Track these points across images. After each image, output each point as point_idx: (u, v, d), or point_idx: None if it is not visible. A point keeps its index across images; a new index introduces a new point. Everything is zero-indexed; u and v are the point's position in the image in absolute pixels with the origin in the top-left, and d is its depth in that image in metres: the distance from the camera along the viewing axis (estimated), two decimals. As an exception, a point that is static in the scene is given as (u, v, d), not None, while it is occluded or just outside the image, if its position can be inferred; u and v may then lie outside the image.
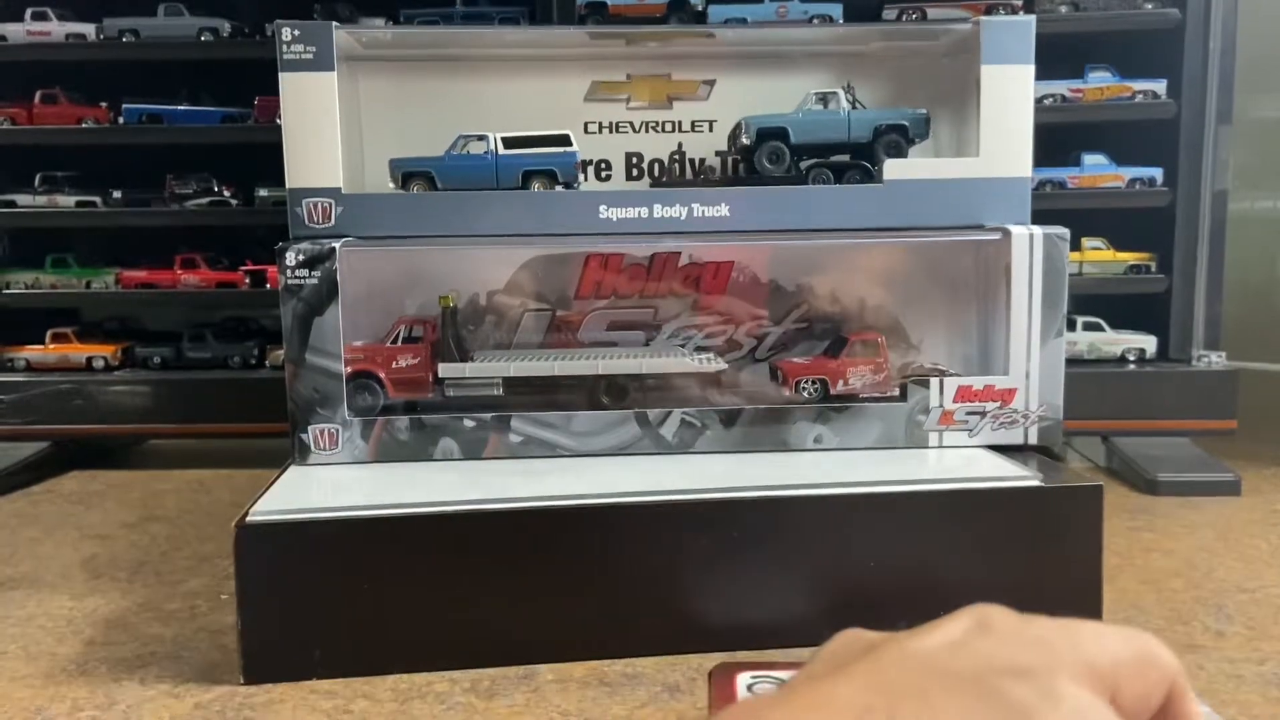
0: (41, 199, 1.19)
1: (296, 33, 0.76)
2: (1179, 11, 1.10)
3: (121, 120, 1.18)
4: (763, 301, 0.86)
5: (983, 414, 0.78)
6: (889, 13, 1.15)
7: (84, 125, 1.18)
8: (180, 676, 0.63)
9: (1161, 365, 1.15)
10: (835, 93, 0.86)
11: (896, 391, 0.80)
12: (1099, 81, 1.13)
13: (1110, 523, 0.92)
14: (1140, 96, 1.13)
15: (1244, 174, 1.31)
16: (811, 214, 0.80)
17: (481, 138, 0.82)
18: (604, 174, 0.91)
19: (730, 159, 0.90)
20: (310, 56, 0.76)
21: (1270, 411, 1.33)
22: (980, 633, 0.28)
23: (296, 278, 0.74)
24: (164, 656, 0.66)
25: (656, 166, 0.91)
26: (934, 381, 0.78)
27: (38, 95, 1.19)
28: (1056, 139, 1.16)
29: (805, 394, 0.81)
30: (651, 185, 0.90)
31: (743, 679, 0.54)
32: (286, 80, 0.76)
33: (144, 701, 0.60)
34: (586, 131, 0.90)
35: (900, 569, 0.66)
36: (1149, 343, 1.15)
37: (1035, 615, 0.29)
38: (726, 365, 0.84)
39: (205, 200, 1.19)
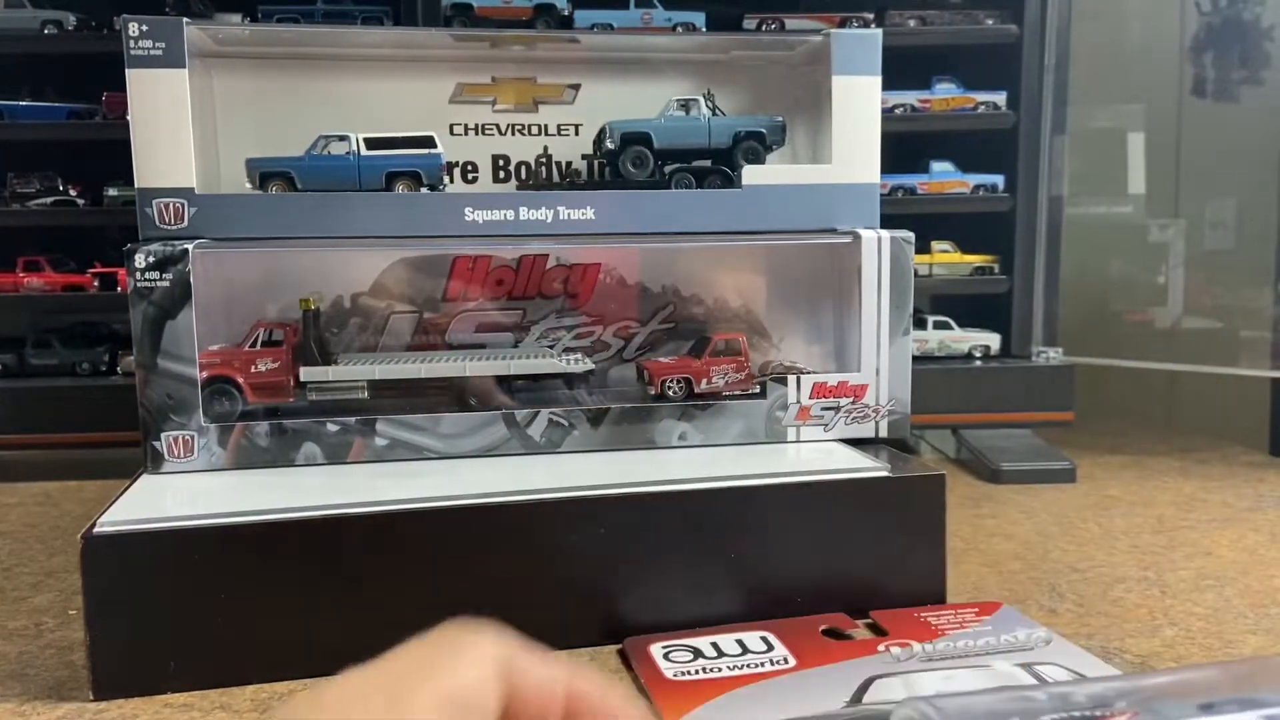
0: None
1: (144, 28, 0.73)
2: (1017, 27, 1.17)
3: (-44, 115, 1.12)
4: (630, 303, 0.88)
5: (837, 409, 0.81)
6: (749, 23, 1.18)
7: (-86, 120, 1.12)
8: (26, 695, 0.61)
9: (1005, 361, 1.22)
10: (696, 99, 0.88)
11: (757, 389, 0.82)
12: (945, 92, 1.19)
13: (957, 510, 0.98)
14: (982, 107, 1.19)
15: (1080, 180, 1.40)
16: (674, 217, 0.82)
17: (343, 138, 0.81)
18: (470, 176, 0.91)
19: (595, 163, 0.91)
20: (159, 53, 0.73)
21: (1105, 403, 1.42)
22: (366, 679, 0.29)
23: (147, 280, 0.71)
24: (7, 675, 0.64)
25: (523, 169, 0.92)
26: (792, 379, 0.81)
27: None
28: (907, 146, 1.22)
29: (670, 393, 0.83)
30: (518, 188, 0.91)
31: (656, 649, 0.62)
32: (134, 77, 0.73)
33: (-16, 723, 0.57)
34: (452, 133, 0.89)
35: (759, 558, 0.68)
36: (993, 340, 1.22)
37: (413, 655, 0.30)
38: (594, 366, 0.85)
39: (49, 200, 1.13)
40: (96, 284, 1.13)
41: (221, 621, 0.61)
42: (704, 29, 1.16)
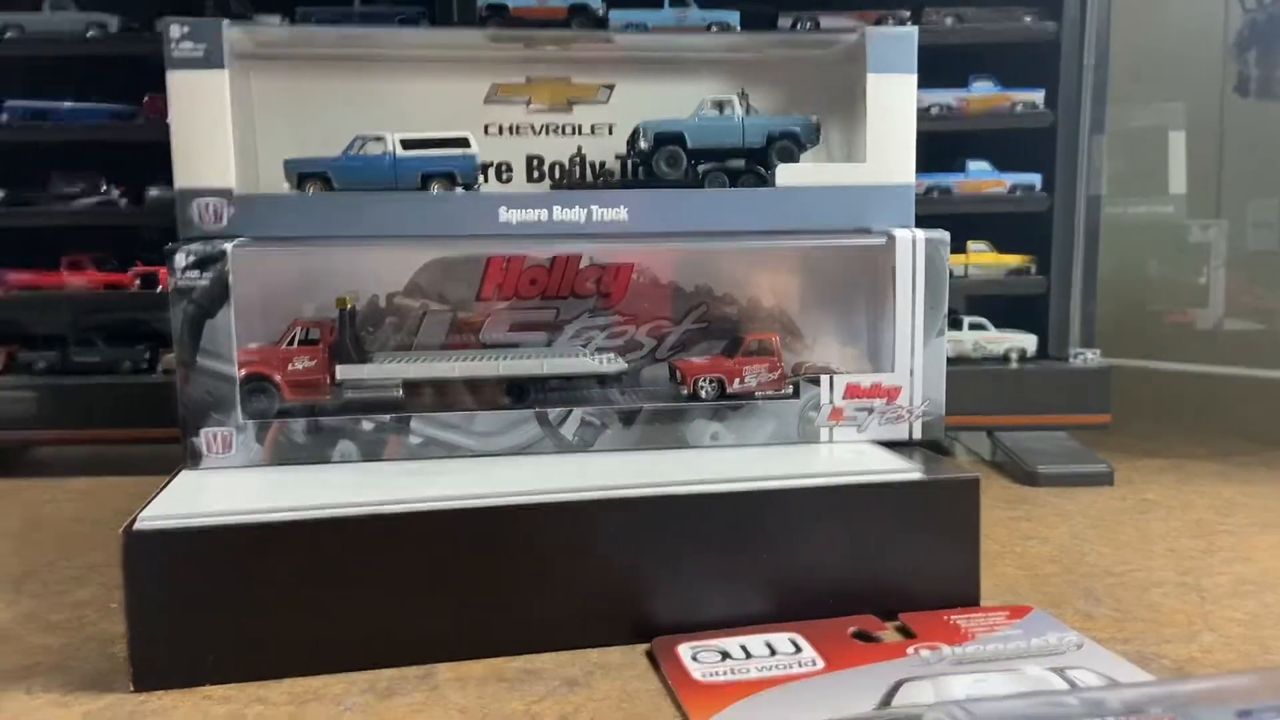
0: (-85, 197, 1.14)
1: (186, 29, 0.74)
2: (1055, 25, 1.16)
3: (4, 118, 1.14)
4: (663, 302, 0.88)
5: (870, 410, 0.81)
6: (784, 21, 1.18)
7: (-38, 122, 1.14)
8: (68, 686, 0.62)
9: (1041, 363, 1.20)
10: (730, 99, 0.88)
11: (790, 389, 0.82)
12: (982, 91, 1.18)
13: (992, 513, 0.98)
14: (1020, 106, 1.18)
15: (1119, 180, 1.39)
16: (708, 217, 0.82)
17: (379, 138, 0.82)
18: (505, 176, 0.92)
19: (629, 162, 0.92)
20: (200, 54, 0.75)
21: (1143, 406, 1.40)
22: None
23: (187, 279, 0.73)
24: (50, 667, 0.65)
25: (557, 169, 0.92)
26: (825, 380, 0.81)
27: (-90, 89, 1.14)
28: (943, 146, 1.21)
29: (703, 393, 0.83)
30: (552, 188, 0.91)
31: (684, 650, 0.63)
32: (175, 79, 0.75)
33: (30, 711, 0.59)
34: (487, 133, 0.90)
35: (789, 560, 0.68)
36: (1030, 341, 1.21)
37: None
38: (627, 365, 0.85)
39: (92, 200, 1.15)
40: (138, 283, 1.15)
41: (258, 616, 0.62)
42: (739, 27, 1.15)
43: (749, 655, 0.62)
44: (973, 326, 1.22)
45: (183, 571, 0.61)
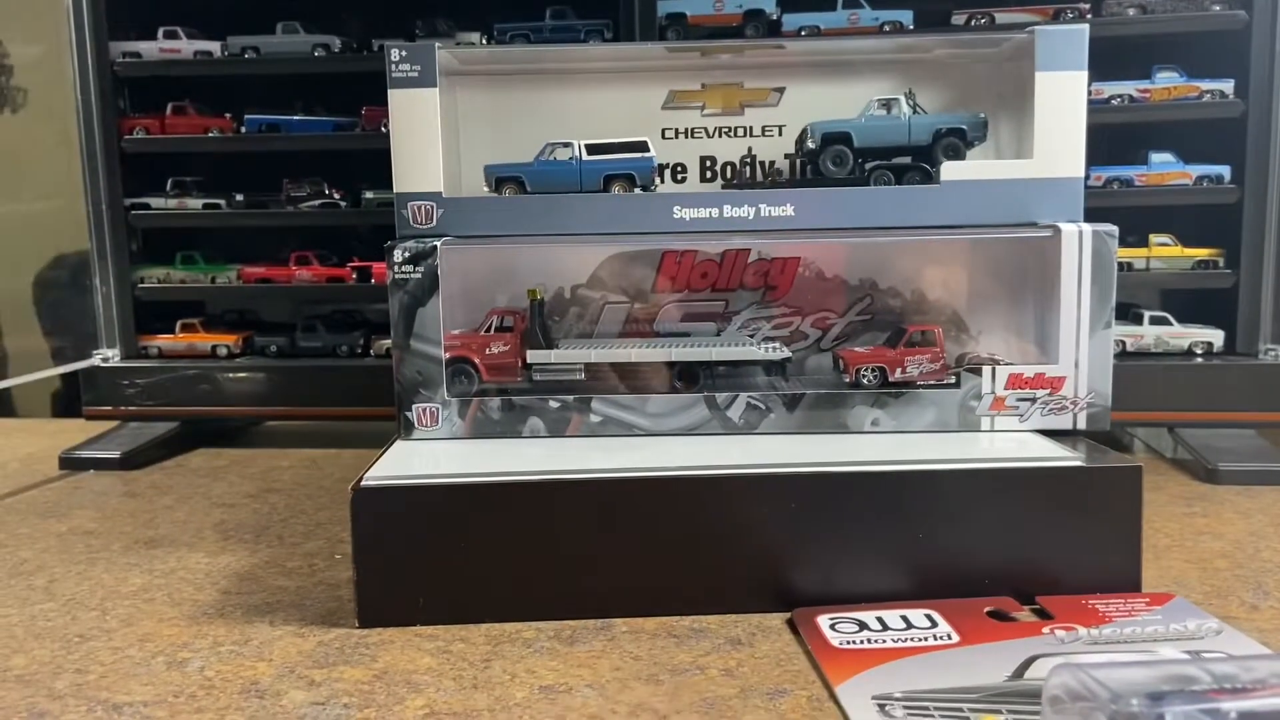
0: (172, 202, 1.31)
1: (404, 53, 0.84)
2: (1246, 13, 1.12)
3: (244, 129, 1.29)
4: (828, 295, 0.92)
5: (1033, 400, 0.83)
6: (957, 18, 1.19)
7: (210, 134, 1.29)
8: (304, 620, 0.73)
9: (1229, 358, 1.16)
10: (897, 99, 0.91)
11: (952, 379, 0.85)
12: (1166, 82, 1.15)
13: (1167, 509, 0.97)
14: (1207, 96, 1.15)
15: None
16: (872, 213, 0.86)
17: (567, 145, 0.90)
18: (679, 176, 0.98)
19: (797, 162, 0.96)
20: (416, 74, 0.85)
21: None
22: None
23: (403, 273, 0.83)
24: (289, 604, 0.76)
25: (729, 169, 0.98)
26: (986, 370, 0.83)
27: (169, 107, 1.30)
28: (1125, 138, 1.19)
29: (865, 381, 0.86)
30: (723, 187, 0.97)
31: (823, 620, 0.67)
32: (395, 96, 0.85)
33: (274, 640, 0.69)
34: (664, 137, 0.97)
35: (947, 542, 0.71)
36: (1216, 336, 1.17)
37: None
38: (791, 354, 0.90)
39: (317, 202, 1.29)
40: (354, 276, 1.28)
41: (462, 567, 0.71)
42: (912, 26, 1.17)
43: (885, 627, 0.65)
44: (1154, 321, 1.19)
45: (400, 524, 0.70)
